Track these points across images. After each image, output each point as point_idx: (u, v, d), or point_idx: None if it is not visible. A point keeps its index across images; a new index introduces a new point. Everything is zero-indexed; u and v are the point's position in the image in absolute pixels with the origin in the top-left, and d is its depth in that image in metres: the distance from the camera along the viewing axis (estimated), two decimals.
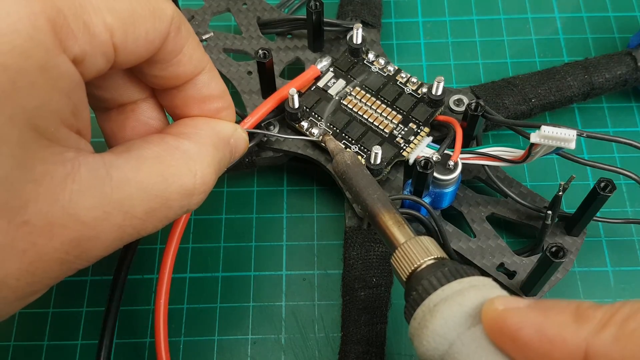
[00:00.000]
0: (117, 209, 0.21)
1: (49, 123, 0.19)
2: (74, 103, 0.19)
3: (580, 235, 0.32)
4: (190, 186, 0.23)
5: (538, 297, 0.31)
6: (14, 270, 0.19)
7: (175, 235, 0.29)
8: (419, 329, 0.21)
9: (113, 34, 0.20)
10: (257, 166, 0.36)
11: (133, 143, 0.23)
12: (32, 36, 0.17)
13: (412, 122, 0.34)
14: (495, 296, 0.20)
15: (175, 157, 0.23)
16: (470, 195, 0.34)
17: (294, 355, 0.32)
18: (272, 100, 0.34)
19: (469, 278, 0.22)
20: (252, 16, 0.39)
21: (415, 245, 0.24)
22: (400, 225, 0.25)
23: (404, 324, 0.33)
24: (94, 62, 0.20)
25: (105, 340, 0.28)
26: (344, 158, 0.29)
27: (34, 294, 0.20)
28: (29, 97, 0.18)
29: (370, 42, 0.38)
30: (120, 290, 0.29)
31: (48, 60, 0.18)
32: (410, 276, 0.23)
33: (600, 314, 0.18)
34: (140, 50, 0.22)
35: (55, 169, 0.19)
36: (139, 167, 0.22)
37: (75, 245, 0.20)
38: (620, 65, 0.36)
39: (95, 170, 0.20)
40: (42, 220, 0.19)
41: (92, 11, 0.19)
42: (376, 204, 0.26)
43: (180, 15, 0.23)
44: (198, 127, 0.26)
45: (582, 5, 0.43)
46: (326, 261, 0.35)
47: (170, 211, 0.23)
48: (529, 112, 0.36)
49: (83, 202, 0.19)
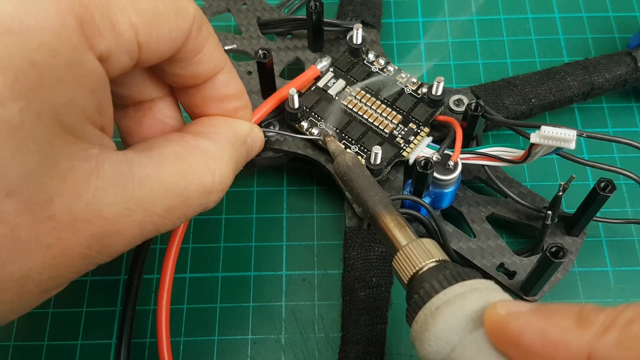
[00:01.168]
0: (139, 205, 0.21)
1: (75, 119, 0.19)
2: (99, 100, 0.20)
3: (580, 235, 0.32)
4: (209, 185, 0.24)
5: (538, 297, 0.31)
6: (38, 264, 0.19)
7: (177, 236, 0.29)
8: (421, 332, 0.21)
9: (138, 32, 0.20)
10: (257, 166, 0.36)
11: (154, 141, 0.24)
12: (60, 33, 0.18)
13: (412, 122, 0.34)
14: (497, 300, 0.20)
15: (195, 156, 0.24)
16: (470, 195, 0.34)
17: (294, 355, 0.32)
18: (272, 100, 0.34)
19: (471, 281, 0.21)
20: (252, 16, 0.39)
21: (417, 247, 0.23)
22: (401, 228, 0.25)
23: (404, 324, 0.33)
24: (119, 60, 0.20)
25: (124, 341, 0.29)
26: (345, 159, 0.29)
27: (55, 288, 0.21)
28: (57, 94, 0.18)
29: (370, 42, 0.38)
30: (136, 290, 0.30)
31: (75, 58, 0.18)
32: (411, 279, 0.23)
33: (603, 317, 0.18)
34: (163, 48, 0.22)
35: (80, 165, 0.19)
36: (160, 165, 0.22)
37: (97, 240, 0.20)
38: (620, 65, 0.36)
39: (118, 167, 0.20)
40: (66, 215, 0.19)
41: (118, 9, 0.20)
42: (377, 205, 0.26)
43: (201, 15, 0.24)
44: (217, 126, 0.26)
45: (582, 5, 0.43)
46: (326, 261, 0.35)
47: (189, 209, 0.23)
48: (529, 112, 0.36)
49: (106, 198, 0.20)
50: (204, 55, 0.24)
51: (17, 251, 0.18)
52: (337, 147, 0.31)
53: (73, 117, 0.19)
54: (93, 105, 0.19)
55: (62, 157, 0.19)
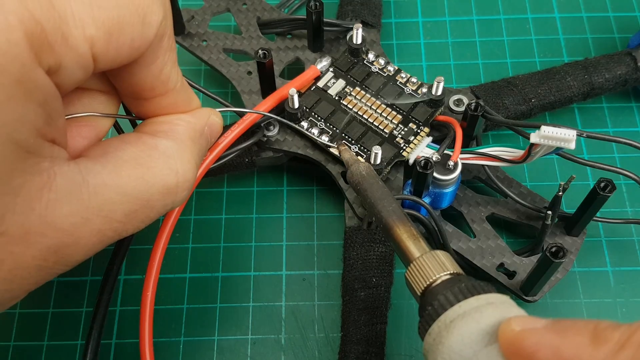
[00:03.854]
0: (96, 214, 0.20)
1: (27, 135, 0.18)
2: (48, 113, 0.19)
3: (580, 235, 0.32)
4: (173, 185, 0.23)
5: (538, 297, 0.31)
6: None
7: (163, 236, 0.29)
8: (434, 344, 0.21)
9: (94, 44, 0.20)
10: (257, 166, 0.36)
11: (109, 144, 0.23)
12: (7, 51, 0.17)
13: (412, 122, 0.34)
14: (512, 316, 0.20)
15: (155, 158, 0.23)
16: (470, 195, 0.34)
17: (294, 355, 0.32)
18: (271, 100, 0.34)
19: (486, 295, 0.21)
20: (252, 16, 0.39)
21: (430, 259, 0.23)
22: (415, 239, 0.25)
23: (403, 324, 0.33)
24: (71, 74, 0.20)
25: (92, 342, 0.28)
26: (359, 169, 0.28)
27: (13, 299, 0.21)
28: (7, 111, 0.17)
29: (370, 42, 0.38)
30: (110, 290, 0.29)
31: (24, 74, 0.18)
32: (425, 291, 0.23)
33: (618, 335, 0.18)
34: (122, 57, 0.21)
35: (32, 180, 0.19)
36: (118, 172, 0.21)
37: (53, 252, 0.20)
38: (620, 65, 0.36)
39: (71, 178, 0.20)
40: (19, 230, 0.19)
41: (72, 23, 0.19)
42: (391, 216, 0.26)
43: (168, 23, 0.22)
44: (173, 123, 0.25)
45: (582, 5, 0.43)
46: (326, 261, 0.35)
47: (152, 211, 0.23)
48: (529, 112, 0.36)
49: (60, 210, 0.19)
50: (155, 68, 0.23)
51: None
52: (351, 156, 0.30)
53: (25, 133, 0.18)
54: (43, 118, 0.19)
55: (15, 174, 0.18)
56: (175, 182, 0.23)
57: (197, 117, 0.26)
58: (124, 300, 0.34)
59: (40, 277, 0.20)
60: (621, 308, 0.33)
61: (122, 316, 0.33)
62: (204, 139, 0.27)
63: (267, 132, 0.34)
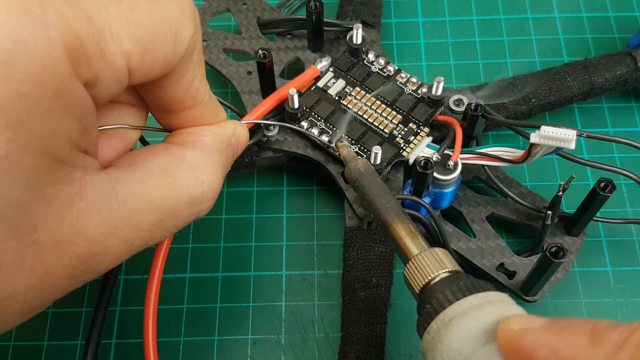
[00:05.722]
0: (125, 223, 0.21)
1: (62, 147, 0.19)
2: (84, 125, 0.20)
3: (580, 235, 0.32)
4: (199, 195, 0.24)
5: (538, 297, 0.31)
6: (22, 286, 0.19)
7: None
8: (433, 343, 0.21)
9: (130, 59, 0.20)
10: (257, 166, 0.36)
11: (138, 154, 0.23)
12: (48, 65, 0.17)
13: (412, 122, 0.34)
14: (511, 314, 0.20)
15: (181, 168, 0.23)
16: (470, 195, 0.34)
17: (294, 355, 0.32)
18: (271, 99, 0.34)
19: (485, 293, 0.21)
20: (252, 16, 0.39)
21: (429, 257, 0.23)
22: (413, 237, 0.25)
23: (403, 324, 0.33)
24: (107, 88, 0.20)
25: (92, 342, 0.28)
26: (357, 165, 0.28)
27: (41, 307, 0.21)
28: (44, 124, 0.18)
29: (370, 42, 0.38)
30: (110, 290, 0.29)
31: (62, 87, 0.18)
32: (423, 289, 0.23)
33: (616, 335, 0.18)
34: (156, 71, 0.22)
35: (64, 189, 0.19)
36: (146, 181, 0.22)
37: (82, 260, 0.20)
38: (620, 65, 0.36)
39: (101, 188, 0.20)
40: (50, 239, 0.19)
41: (109, 38, 0.19)
42: (389, 213, 0.26)
43: (197, 39, 0.23)
44: (201, 134, 0.25)
45: (582, 5, 0.43)
46: (326, 261, 0.35)
47: (179, 220, 0.23)
48: (529, 112, 0.36)
49: (90, 219, 0.20)
50: (185, 81, 0.23)
51: (0, 275, 0.19)
52: (349, 152, 0.30)
53: (60, 145, 0.19)
54: (78, 131, 0.19)
55: (48, 184, 0.19)
56: (201, 192, 0.24)
57: (224, 129, 0.27)
58: (124, 300, 0.34)
59: (69, 285, 0.21)
60: (621, 308, 0.33)
61: (122, 316, 0.33)
62: (231, 150, 0.27)
63: (267, 132, 0.34)
